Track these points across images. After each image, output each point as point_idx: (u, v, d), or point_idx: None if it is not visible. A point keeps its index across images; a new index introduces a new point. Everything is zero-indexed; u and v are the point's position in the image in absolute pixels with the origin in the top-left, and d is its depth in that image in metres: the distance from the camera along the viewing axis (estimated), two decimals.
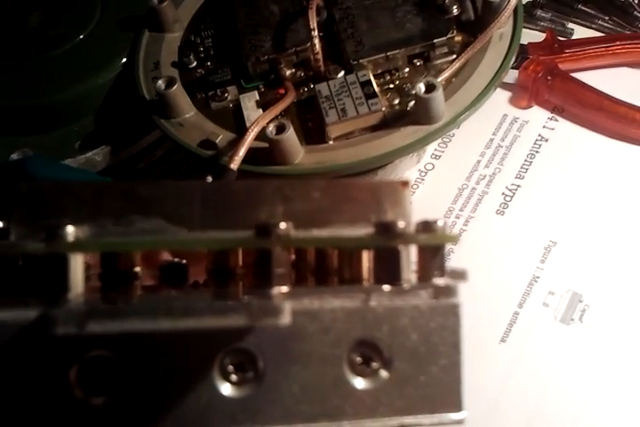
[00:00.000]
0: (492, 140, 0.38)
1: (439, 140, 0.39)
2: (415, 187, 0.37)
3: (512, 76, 0.40)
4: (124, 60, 0.36)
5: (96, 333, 0.14)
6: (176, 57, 0.36)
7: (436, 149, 0.39)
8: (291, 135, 0.30)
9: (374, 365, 0.15)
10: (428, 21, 0.33)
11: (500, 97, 0.40)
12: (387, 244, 0.15)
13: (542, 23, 0.42)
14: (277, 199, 0.16)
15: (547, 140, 0.38)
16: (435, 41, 0.32)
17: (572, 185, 0.36)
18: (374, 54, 0.33)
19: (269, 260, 0.14)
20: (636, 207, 0.34)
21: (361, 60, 0.33)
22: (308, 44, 0.32)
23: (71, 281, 0.15)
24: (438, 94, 0.30)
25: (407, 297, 0.15)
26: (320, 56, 0.32)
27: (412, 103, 0.31)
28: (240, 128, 0.32)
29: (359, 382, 0.15)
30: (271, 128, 0.30)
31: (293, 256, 0.17)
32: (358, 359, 0.15)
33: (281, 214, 0.16)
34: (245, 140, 0.30)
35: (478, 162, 0.38)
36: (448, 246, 0.34)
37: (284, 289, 0.15)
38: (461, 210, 0.36)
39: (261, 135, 0.30)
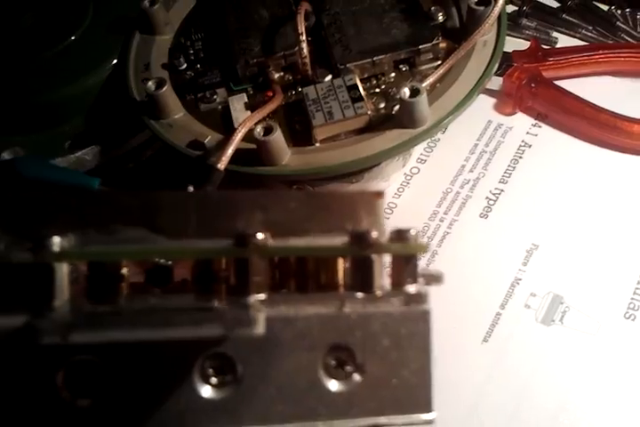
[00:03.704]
0: (476, 145, 0.39)
1: (424, 145, 0.39)
2: (401, 190, 0.38)
3: (497, 83, 0.41)
4: (115, 61, 0.37)
5: (79, 342, 0.15)
6: (166, 59, 0.36)
7: (421, 154, 0.39)
8: (278, 137, 0.30)
9: (348, 368, 0.16)
10: (414, 28, 0.34)
11: (485, 103, 0.41)
12: (360, 253, 0.16)
13: (527, 32, 0.43)
14: (256, 209, 0.16)
15: (530, 146, 0.39)
16: (420, 47, 0.33)
17: (553, 190, 0.36)
18: (361, 59, 0.33)
19: (247, 269, 0.15)
20: (616, 212, 0.35)
21: (348, 65, 0.33)
22: (296, 48, 0.33)
23: (57, 290, 0.15)
24: (422, 99, 0.30)
25: (379, 304, 0.16)
26: (307, 60, 0.33)
27: (397, 107, 0.32)
28: (228, 129, 0.33)
29: (333, 385, 0.16)
30: (259, 129, 0.30)
31: (276, 259, 0.18)
32: (333, 363, 0.16)
33: (259, 224, 0.16)
34: (233, 140, 0.30)
35: (463, 166, 0.38)
36: (432, 249, 0.35)
37: (261, 297, 0.15)
38: (445, 213, 0.37)
39: (249, 136, 0.31)
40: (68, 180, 0.31)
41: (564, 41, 0.43)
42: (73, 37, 0.38)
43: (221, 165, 0.30)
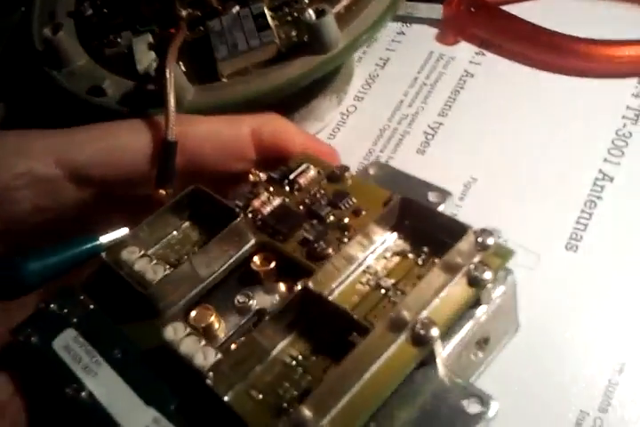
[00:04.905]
0: (416, 78, 0.36)
1: (362, 81, 0.37)
2: (336, 130, 0.36)
3: (438, 11, 0.38)
4: (21, 11, 0.35)
5: None
6: (72, 6, 0.34)
7: (359, 91, 0.37)
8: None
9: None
10: None
11: (426, 34, 0.38)
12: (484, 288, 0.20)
13: None
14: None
15: (472, 76, 0.36)
16: None
17: (495, 120, 0.34)
18: None
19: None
20: (559, 140, 0.32)
21: None
22: None
23: None
24: (329, 20, 0.28)
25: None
26: None
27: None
28: (130, 72, 0.31)
29: None
30: (153, 66, 0.28)
31: None
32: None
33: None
34: (168, 106, 0.26)
35: (401, 102, 0.36)
36: None
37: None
38: (382, 151, 0.34)
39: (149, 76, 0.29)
40: (70, 258, 0.24)
41: None
42: None
43: (171, 137, 0.26)
